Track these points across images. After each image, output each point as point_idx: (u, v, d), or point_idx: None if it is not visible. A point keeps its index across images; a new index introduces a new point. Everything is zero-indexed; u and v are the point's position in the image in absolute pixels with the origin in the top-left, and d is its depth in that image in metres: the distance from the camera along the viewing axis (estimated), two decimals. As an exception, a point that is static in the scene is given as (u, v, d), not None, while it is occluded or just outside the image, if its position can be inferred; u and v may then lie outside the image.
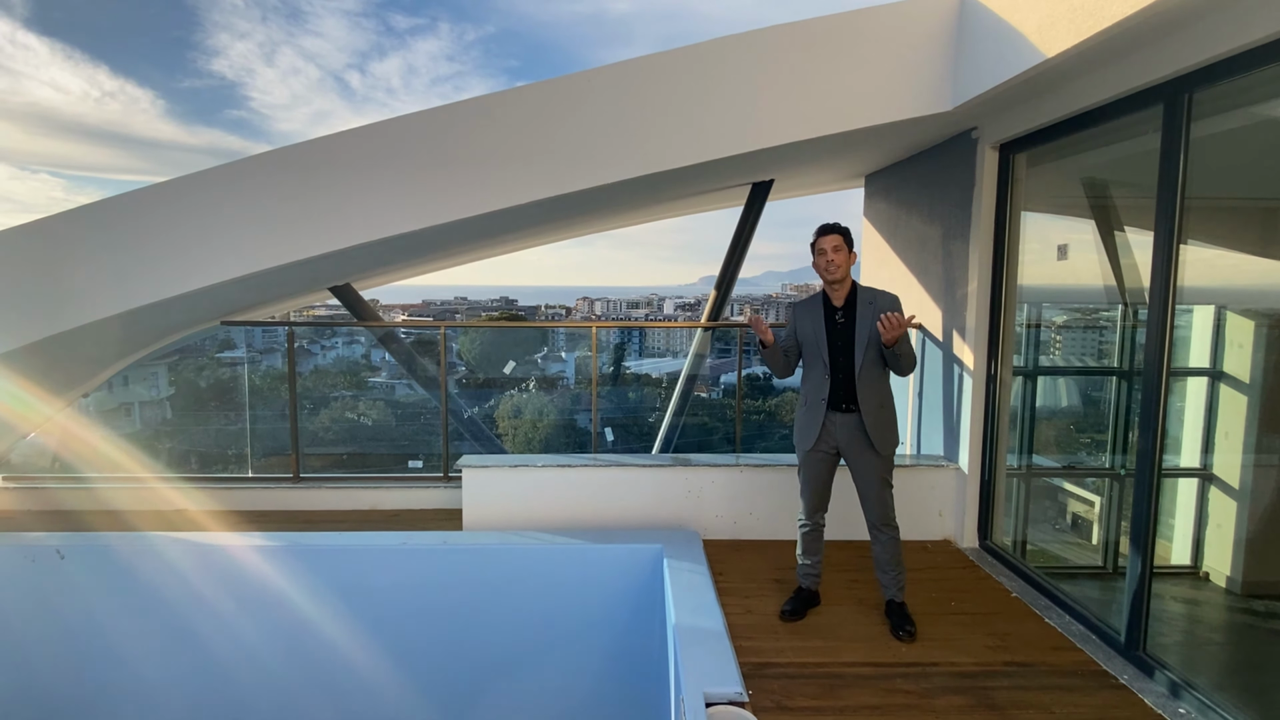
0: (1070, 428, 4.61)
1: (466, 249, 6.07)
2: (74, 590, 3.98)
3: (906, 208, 5.31)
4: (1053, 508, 4.55)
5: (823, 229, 3.30)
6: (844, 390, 3.30)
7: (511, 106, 4.06)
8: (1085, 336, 4.57)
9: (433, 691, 4.03)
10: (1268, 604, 3.49)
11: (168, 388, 6.37)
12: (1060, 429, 4.62)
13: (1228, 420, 3.56)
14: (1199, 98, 2.78)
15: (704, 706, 2.58)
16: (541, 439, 8.09)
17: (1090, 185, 4.05)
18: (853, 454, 3.34)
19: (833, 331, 3.31)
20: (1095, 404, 4.46)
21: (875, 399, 3.28)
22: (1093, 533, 4.24)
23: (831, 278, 3.28)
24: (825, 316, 3.34)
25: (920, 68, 3.83)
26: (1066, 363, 4.58)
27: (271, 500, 5.17)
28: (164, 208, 4.04)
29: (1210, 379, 3.63)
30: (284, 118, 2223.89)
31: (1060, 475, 4.56)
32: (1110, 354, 4.21)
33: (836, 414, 3.33)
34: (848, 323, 3.30)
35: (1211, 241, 3.11)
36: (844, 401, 3.31)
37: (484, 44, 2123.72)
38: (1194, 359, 3.65)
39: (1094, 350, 4.48)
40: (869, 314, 3.25)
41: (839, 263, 3.25)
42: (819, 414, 3.34)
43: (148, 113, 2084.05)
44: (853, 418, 3.29)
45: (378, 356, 8.57)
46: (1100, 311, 4.33)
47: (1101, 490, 4.26)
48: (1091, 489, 4.39)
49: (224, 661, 3.98)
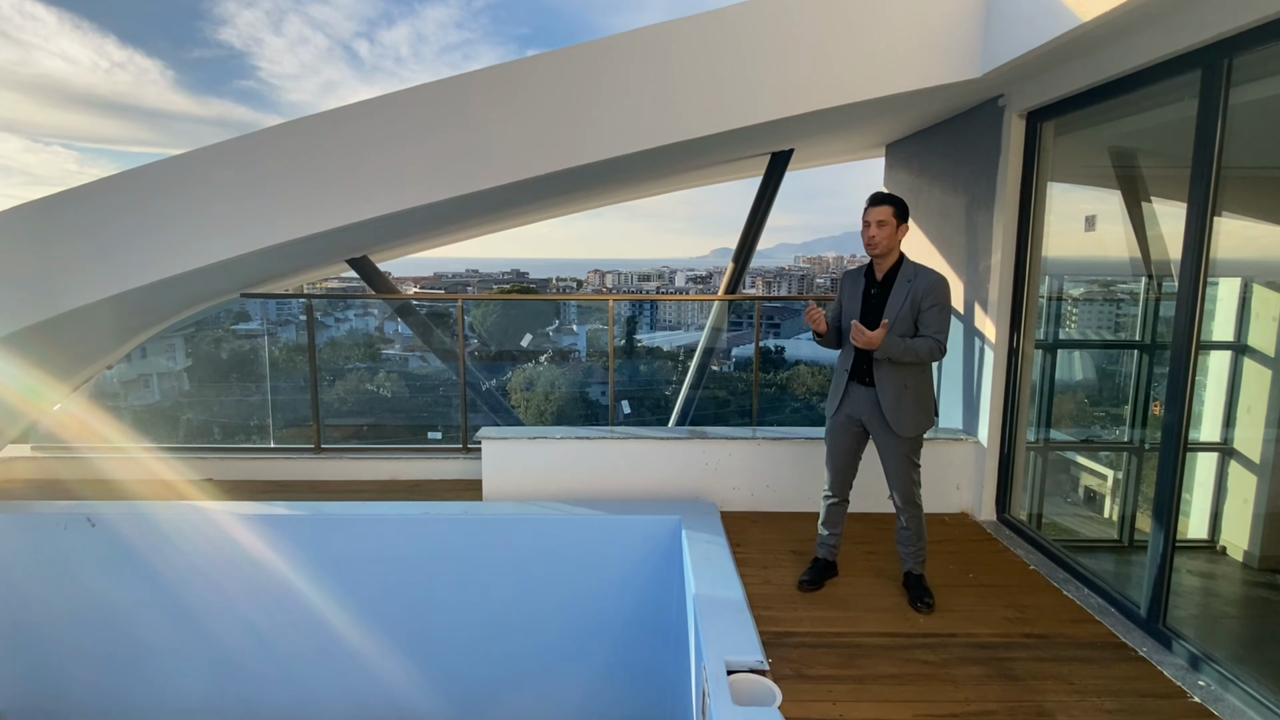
0: (1086, 401, 4.58)
1: (481, 222, 6.04)
2: (105, 558, 4.07)
3: (929, 178, 5.22)
4: (1069, 482, 4.55)
5: (873, 198, 3.17)
6: (868, 364, 3.25)
7: (529, 76, 4.01)
8: (1105, 309, 4.51)
9: (456, 658, 4.11)
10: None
11: (185, 359, 6.45)
12: (1079, 403, 4.59)
13: (1250, 395, 3.53)
14: (1239, 63, 2.70)
15: (725, 674, 2.62)
16: (554, 411, 8.14)
17: (1119, 155, 3.96)
18: (874, 429, 3.32)
19: (866, 304, 3.25)
20: (1114, 378, 4.42)
21: (896, 380, 3.19)
22: (1111, 506, 4.23)
23: (872, 252, 3.19)
24: (865, 288, 3.28)
25: (949, 32, 3.73)
26: (1085, 336, 4.54)
27: (294, 470, 5.26)
28: (183, 181, 4.04)
29: (1235, 353, 3.59)
30: (293, 88, 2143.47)
31: (1078, 449, 4.55)
32: (1132, 327, 4.15)
33: (859, 386, 3.30)
34: (880, 296, 3.21)
35: (1239, 212, 3.04)
36: (866, 375, 3.27)
37: (493, 10, 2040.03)
38: (1218, 333, 3.60)
39: (1115, 323, 4.42)
40: (904, 291, 3.14)
41: (880, 238, 3.12)
42: (842, 382, 3.34)
43: (157, 83, 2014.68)
44: (871, 392, 3.25)
45: (390, 329, 8.61)
46: (1122, 284, 4.27)
47: (1119, 464, 4.24)
48: (1108, 463, 4.38)
49: (248, 626, 4.08)
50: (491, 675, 4.13)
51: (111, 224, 4.00)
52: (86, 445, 5.34)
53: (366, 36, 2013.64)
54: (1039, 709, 2.65)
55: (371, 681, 4.11)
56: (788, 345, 9.82)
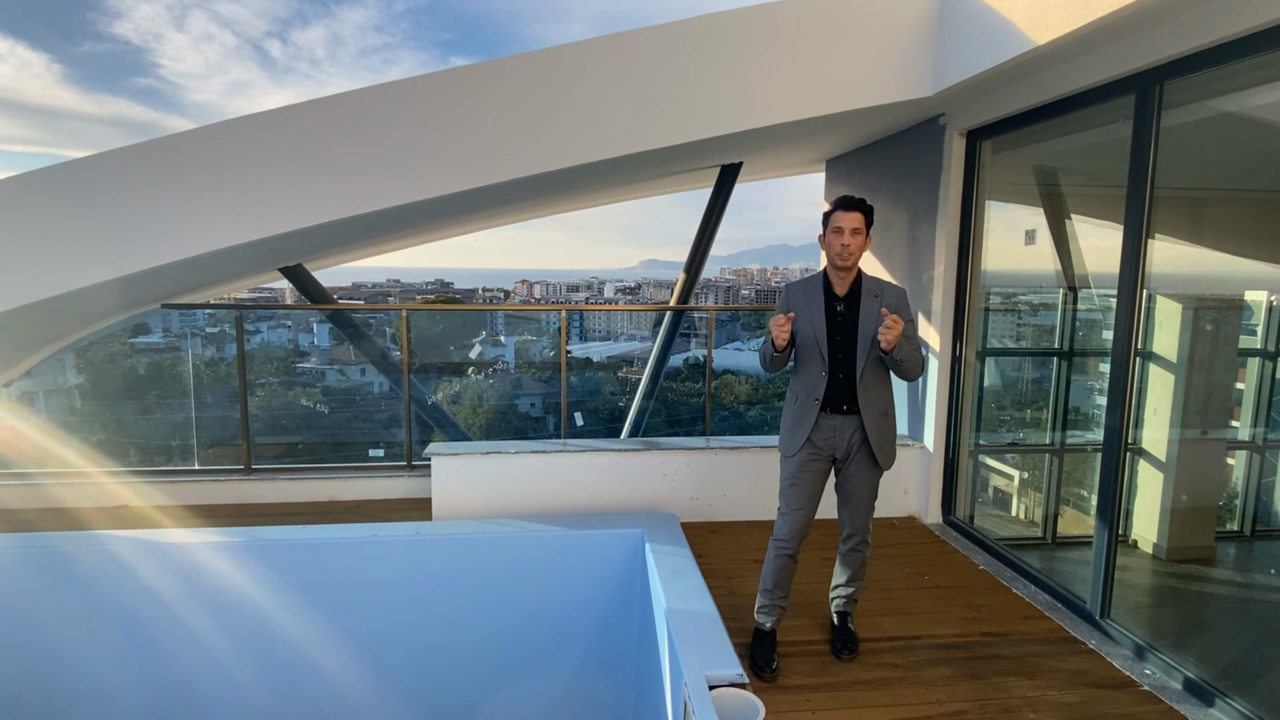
0: (1006, 406, 4.83)
1: (412, 231, 5.84)
2: (13, 593, 3.67)
3: (870, 192, 5.40)
4: (1001, 483, 4.78)
5: (844, 202, 2.80)
6: (843, 391, 2.85)
7: (475, 84, 3.90)
8: (1030, 320, 4.79)
9: (412, 687, 3.91)
10: (1191, 568, 3.75)
11: (75, 375, 5.90)
12: (1008, 408, 4.84)
13: (1156, 397, 3.77)
14: (1170, 88, 2.91)
15: (707, 690, 2.58)
16: (481, 425, 7.93)
17: (1051, 173, 4.21)
18: (851, 463, 2.92)
19: (832, 323, 2.84)
20: (1041, 383, 4.68)
21: (879, 405, 2.87)
22: (1034, 507, 4.48)
23: (844, 263, 2.78)
24: (826, 305, 2.87)
25: (903, 51, 3.87)
26: (1017, 345, 4.80)
27: (222, 493, 4.89)
28: (102, 183, 3.72)
29: (1141, 359, 3.85)
30: (198, 87, 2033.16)
31: (1010, 451, 4.79)
32: (1054, 337, 4.41)
33: (834, 416, 2.87)
34: (849, 315, 2.84)
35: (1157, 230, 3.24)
36: (843, 403, 2.86)
37: (414, 15, 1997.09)
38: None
39: (1042, 332, 4.70)
40: (874, 307, 2.80)
41: (854, 247, 2.76)
42: (811, 414, 2.87)
43: (42, 78, 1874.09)
44: (852, 420, 2.86)
45: (305, 341, 8.20)
46: (1047, 295, 4.53)
47: (1041, 465, 4.50)
48: (1021, 464, 4.65)
49: (182, 668, 3.75)
50: (453, 701, 3.94)
51: (30, 225, 3.64)
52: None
53: (279, 36, 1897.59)
54: (1005, 706, 2.74)
55: (323, 711, 3.85)
56: (717, 355, 9.92)
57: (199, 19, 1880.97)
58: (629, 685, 3.95)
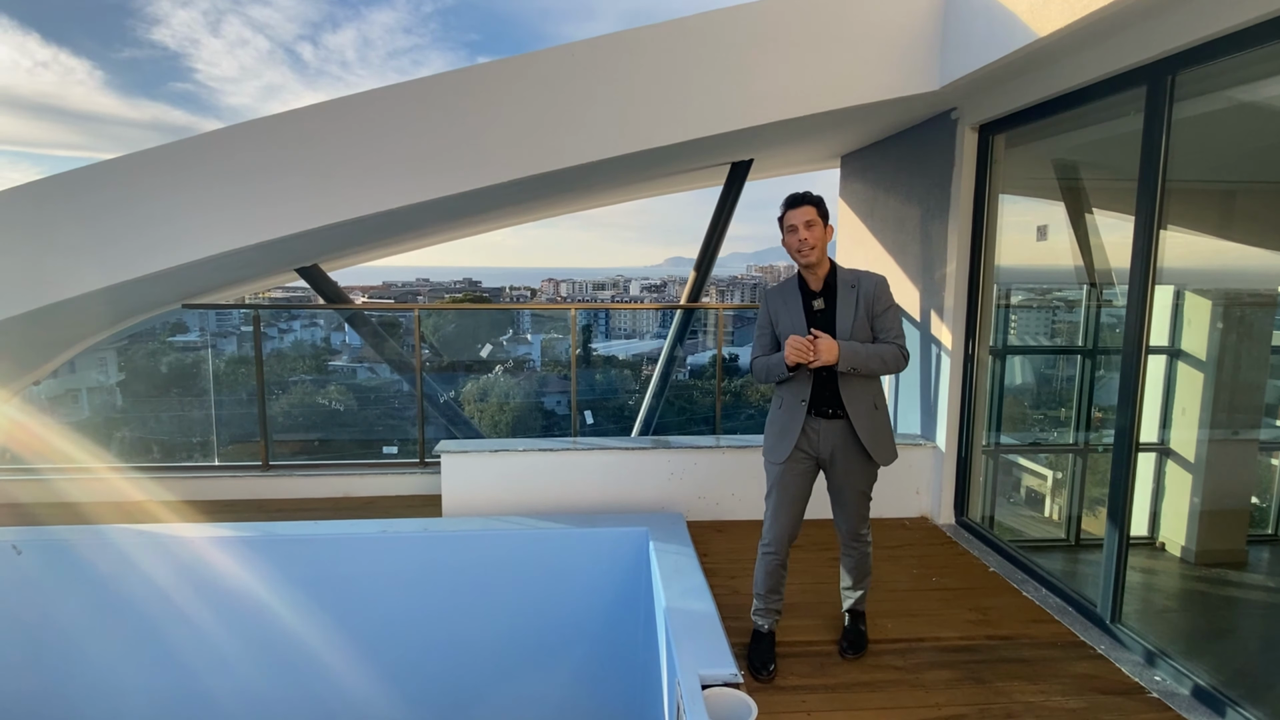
0: (1027, 405, 4.73)
1: (434, 230, 5.92)
2: (34, 587, 3.80)
3: (884, 188, 5.33)
4: (1019, 483, 4.68)
5: (791, 200, 2.75)
6: (827, 390, 2.79)
7: (492, 82, 3.94)
8: (1048, 316, 4.68)
9: (418, 681, 3.97)
10: (1220, 572, 3.64)
11: (117, 373, 6.10)
12: (1028, 406, 4.74)
13: (1185, 397, 3.67)
14: (1181, 79, 2.83)
15: (700, 689, 2.58)
16: (508, 422, 8.00)
17: (1065, 167, 4.11)
18: (841, 465, 2.86)
19: (813, 321, 2.78)
20: (1060, 382, 4.57)
21: (866, 400, 2.79)
22: (1057, 507, 4.37)
23: (805, 260, 2.74)
24: (804, 304, 2.82)
25: (908, 46, 3.81)
26: (1036, 342, 4.69)
27: (240, 489, 5.02)
28: (129, 184, 3.83)
29: (1169, 357, 3.75)
30: (233, 91, 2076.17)
31: (1028, 451, 4.69)
32: (1076, 333, 4.31)
33: (821, 420, 2.82)
34: (827, 310, 2.78)
35: (1174, 223, 3.16)
36: (828, 405, 2.80)
37: (443, 16, 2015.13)
38: (1155, 338, 3.75)
39: (1062, 330, 4.58)
40: (851, 299, 2.76)
41: (813, 240, 2.70)
42: (798, 419, 2.81)
43: (85, 84, 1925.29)
44: (840, 424, 2.80)
45: (338, 340, 8.34)
46: (1068, 291, 4.42)
47: (1064, 466, 4.39)
48: (1048, 464, 4.53)
49: (194, 660, 3.86)
50: (458, 695, 4.00)
51: (40, 232, 3.76)
52: (10, 468, 5.00)
53: (310, 39, 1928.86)
54: (1007, 711, 2.69)
55: (329, 707, 3.93)
56: (743, 353, 9.88)
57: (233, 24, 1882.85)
58: (631, 683, 3.96)
